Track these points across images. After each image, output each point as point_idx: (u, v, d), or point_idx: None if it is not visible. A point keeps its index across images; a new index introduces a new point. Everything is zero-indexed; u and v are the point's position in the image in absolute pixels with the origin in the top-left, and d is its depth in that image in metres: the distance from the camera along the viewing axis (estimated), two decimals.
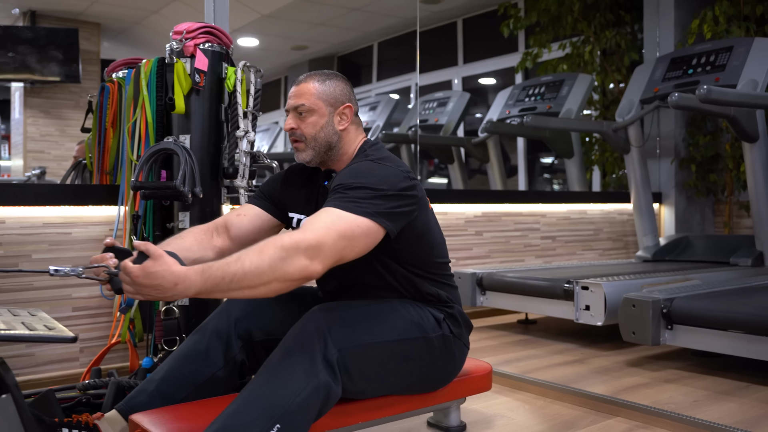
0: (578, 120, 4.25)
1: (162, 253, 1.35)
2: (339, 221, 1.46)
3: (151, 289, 1.34)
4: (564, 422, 2.08)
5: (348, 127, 1.75)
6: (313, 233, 1.41)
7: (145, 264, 1.33)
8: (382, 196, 1.53)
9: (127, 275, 1.34)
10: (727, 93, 2.96)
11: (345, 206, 1.49)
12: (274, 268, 1.36)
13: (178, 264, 1.36)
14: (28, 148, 6.72)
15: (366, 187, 1.52)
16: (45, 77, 6.60)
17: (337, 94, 1.74)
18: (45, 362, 2.45)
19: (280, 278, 1.38)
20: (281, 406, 1.42)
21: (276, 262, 1.36)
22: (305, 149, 1.72)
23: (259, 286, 1.37)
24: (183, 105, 2.28)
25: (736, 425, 1.92)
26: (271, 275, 1.37)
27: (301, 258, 1.38)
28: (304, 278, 1.41)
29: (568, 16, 5.06)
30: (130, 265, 1.34)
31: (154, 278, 1.33)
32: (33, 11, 6.56)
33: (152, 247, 1.35)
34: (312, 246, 1.40)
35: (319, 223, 1.45)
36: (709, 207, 4.86)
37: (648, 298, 2.49)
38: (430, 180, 7.29)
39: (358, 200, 1.50)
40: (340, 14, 6.36)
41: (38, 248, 2.43)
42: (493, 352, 2.94)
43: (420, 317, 1.70)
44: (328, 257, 1.43)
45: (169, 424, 1.54)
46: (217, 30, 2.38)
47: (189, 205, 2.30)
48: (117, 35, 7.09)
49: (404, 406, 1.80)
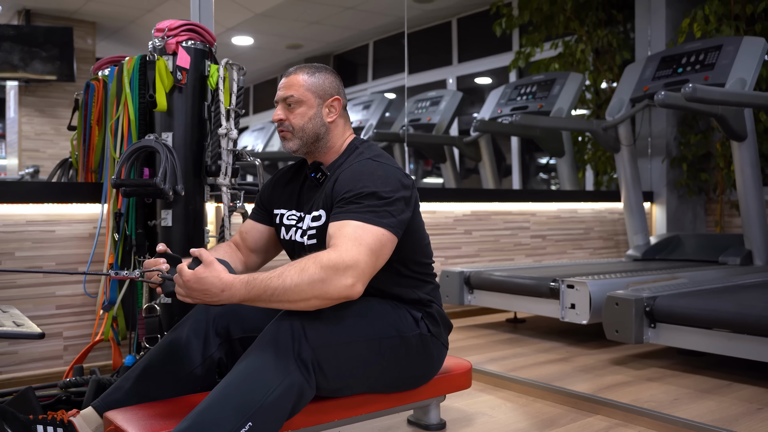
0: (567, 119, 4.25)
1: (213, 260, 1.45)
2: (366, 236, 1.52)
3: (200, 293, 1.44)
4: (544, 420, 2.09)
5: (336, 119, 1.78)
6: (349, 253, 1.47)
7: (197, 269, 1.43)
8: (391, 201, 1.59)
9: (181, 278, 1.44)
10: (712, 91, 2.96)
11: (365, 218, 1.54)
12: (313, 288, 1.44)
13: (227, 272, 1.45)
14: (23, 146, 6.73)
15: (374, 193, 1.58)
16: (40, 76, 6.60)
17: (326, 87, 1.76)
18: (28, 360, 2.45)
19: (319, 297, 1.46)
20: (253, 403, 1.43)
21: (316, 284, 1.44)
22: (292, 138, 1.76)
23: (298, 302, 1.46)
24: (165, 102, 2.28)
25: (714, 423, 1.92)
26: (311, 294, 1.44)
27: (341, 279, 1.45)
28: (344, 298, 1.48)
29: (560, 15, 5.06)
30: (185, 270, 1.44)
31: (203, 283, 1.43)
32: (28, 10, 6.57)
33: (205, 254, 1.45)
34: (350, 267, 1.46)
35: (348, 240, 1.50)
36: (701, 206, 4.86)
37: (631, 296, 2.50)
38: (426, 180, 7.29)
39: (374, 210, 1.56)
40: (334, 13, 6.36)
41: (22, 246, 2.43)
42: (479, 350, 2.94)
43: (397, 316, 1.70)
44: (366, 274, 1.50)
45: (143, 421, 1.54)
46: (200, 27, 2.38)
47: (172, 203, 2.30)
48: (112, 34, 7.10)
49: (382, 404, 1.81)
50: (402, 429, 2.01)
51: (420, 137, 5.26)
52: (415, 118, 5.37)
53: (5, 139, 7.44)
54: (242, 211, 2.43)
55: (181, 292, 1.47)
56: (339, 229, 1.53)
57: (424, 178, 7.28)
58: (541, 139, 4.49)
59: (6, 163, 7.27)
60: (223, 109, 2.35)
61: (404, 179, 1.66)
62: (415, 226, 1.71)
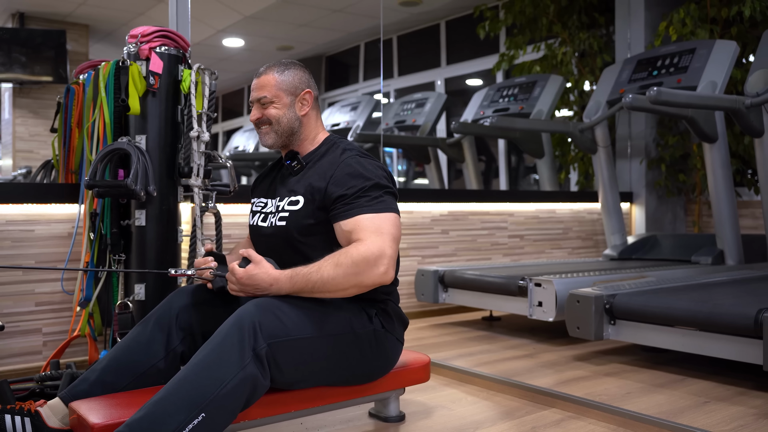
0: (543, 121, 4.33)
1: (261, 259, 1.65)
2: (384, 225, 1.69)
3: (252, 287, 1.65)
4: (500, 413, 2.16)
5: (309, 112, 1.91)
6: (375, 244, 1.64)
7: (248, 267, 1.65)
8: (389, 189, 1.77)
9: (234, 275, 1.65)
10: (676, 95, 3.03)
11: (376, 208, 1.71)
12: (349, 280, 1.63)
13: (274, 268, 1.66)
14: (17, 147, 6.82)
15: (377, 184, 1.75)
16: (34, 77, 6.70)
17: (296, 83, 1.87)
18: (8, 355, 2.53)
19: (356, 286, 1.65)
20: (206, 395, 1.50)
21: (350, 276, 1.62)
22: (269, 132, 1.88)
23: (338, 291, 1.65)
24: (138, 106, 2.36)
25: (659, 415, 2.00)
26: (348, 284, 1.64)
27: (374, 269, 1.63)
28: (379, 284, 1.67)
29: (543, 18, 5.13)
30: (237, 268, 1.65)
31: (254, 279, 1.64)
32: (21, 13, 6.66)
33: (254, 254, 1.66)
34: (379, 256, 1.63)
35: (369, 232, 1.67)
36: (681, 206, 4.94)
37: (591, 294, 2.57)
38: (417, 181, 7.37)
39: (379, 200, 1.73)
40: (323, 15, 6.44)
41: (2, 245, 2.51)
42: (449, 347, 3.02)
43: (351, 313, 1.78)
44: (393, 259, 1.67)
45: (104, 411, 1.62)
46: (173, 34, 2.46)
47: (145, 203, 2.38)
48: (105, 36, 7.18)
49: (340, 396, 1.88)
50: (363, 421, 2.08)
51: (403, 139, 5.34)
52: (401, 120, 5.45)
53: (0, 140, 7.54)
54: (214, 211, 2.51)
55: (234, 288, 1.67)
56: (357, 224, 1.69)
57: (415, 179, 7.36)
58: (521, 140, 4.57)
59: (1, 164, 7.37)
60: (195, 112, 2.43)
61: (385, 170, 1.84)
62: None
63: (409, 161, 7.24)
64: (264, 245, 1.89)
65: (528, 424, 2.04)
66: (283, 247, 1.83)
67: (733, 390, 2.29)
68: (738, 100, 3.27)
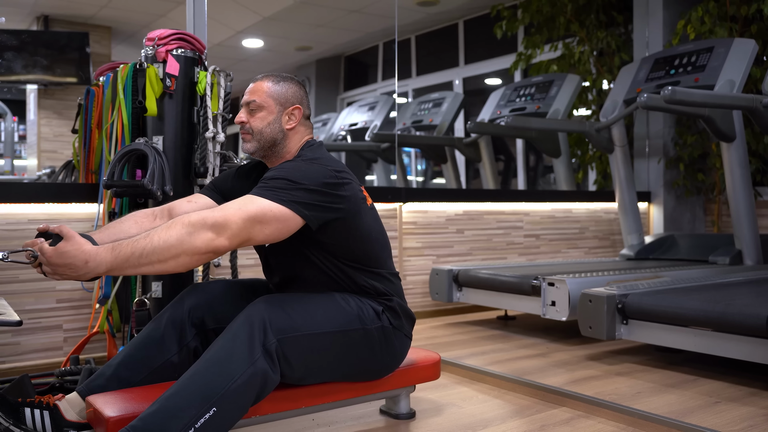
0: (559, 120, 4.32)
1: (74, 234, 1.47)
2: (251, 204, 1.59)
3: (65, 268, 1.46)
4: (510, 411, 2.18)
5: (296, 127, 1.88)
6: (222, 212, 1.55)
7: (58, 245, 1.45)
8: (303, 189, 1.65)
9: (42, 256, 1.46)
10: (691, 94, 3.02)
11: (262, 193, 1.63)
12: (181, 242, 1.49)
13: (90, 243, 1.48)
14: (41, 148, 6.96)
15: (286, 179, 1.65)
16: (58, 79, 6.83)
17: (288, 96, 1.88)
18: (30, 351, 2.60)
19: (188, 251, 1.50)
20: (217, 390, 1.54)
21: (183, 237, 1.49)
22: (251, 140, 1.86)
23: (168, 260, 1.49)
24: (155, 108, 2.41)
25: (669, 415, 2.00)
26: (179, 249, 1.49)
27: (207, 232, 1.52)
28: (210, 251, 1.53)
29: (560, 17, 5.12)
30: (45, 247, 1.46)
31: (66, 257, 1.44)
32: (46, 16, 6.79)
33: (65, 229, 1.48)
34: (218, 223, 1.53)
35: (232, 205, 1.59)
36: (700, 206, 4.90)
37: (603, 293, 2.58)
38: (436, 180, 7.38)
39: (275, 189, 1.63)
40: (341, 16, 6.48)
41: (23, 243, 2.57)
42: (462, 345, 3.03)
43: (359, 309, 1.81)
44: (235, 235, 1.55)
45: (119, 405, 1.66)
46: (189, 36, 2.51)
47: (162, 203, 2.42)
48: (127, 38, 7.29)
49: (350, 392, 1.92)
50: (374, 418, 2.11)
51: (419, 138, 5.36)
52: (418, 120, 5.47)
53: (25, 141, 7.69)
54: None
55: (47, 270, 1.48)
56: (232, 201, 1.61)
57: (433, 179, 7.37)
58: (537, 140, 4.56)
59: (26, 164, 7.52)
60: (210, 113, 2.47)
61: (330, 179, 1.70)
62: (360, 223, 1.79)
63: (428, 161, 7.26)
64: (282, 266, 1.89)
65: (537, 423, 2.05)
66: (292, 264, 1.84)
67: (745, 390, 2.28)
68: (755, 99, 3.24)
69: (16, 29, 6.94)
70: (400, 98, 7.19)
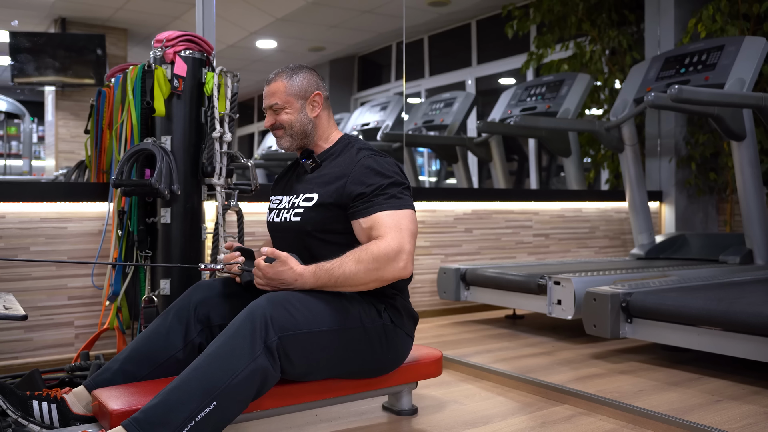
0: (568, 119, 4.31)
1: (288, 255, 1.74)
2: (402, 221, 1.78)
3: (278, 282, 1.75)
4: (512, 408, 2.19)
5: (320, 113, 1.98)
6: (395, 240, 1.74)
7: (274, 263, 1.74)
8: (406, 185, 1.86)
9: (260, 271, 1.75)
10: (699, 92, 3.01)
11: (394, 205, 1.79)
12: (369, 275, 1.73)
13: (299, 264, 1.74)
14: (59, 148, 7.07)
15: (393, 182, 1.82)
16: (75, 80, 6.93)
17: (305, 86, 1.95)
18: (42, 347, 2.65)
19: (377, 280, 1.75)
20: (218, 384, 1.57)
21: (371, 272, 1.72)
22: (284, 136, 1.96)
23: (359, 286, 1.75)
24: (163, 108, 2.45)
25: (670, 413, 2.00)
26: (369, 279, 1.73)
27: (393, 264, 1.73)
28: (398, 278, 1.77)
29: (572, 17, 5.11)
30: (263, 264, 1.74)
31: (280, 275, 1.73)
32: (63, 18, 6.90)
33: (278, 252, 1.74)
34: (399, 252, 1.73)
35: (389, 228, 1.76)
36: (712, 205, 4.87)
37: (607, 292, 2.58)
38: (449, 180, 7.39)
39: (397, 196, 1.81)
40: (354, 16, 6.52)
41: (36, 241, 2.63)
42: (468, 344, 3.05)
43: (360, 307, 1.83)
44: (411, 254, 1.77)
45: (123, 398, 1.70)
46: (197, 38, 2.55)
47: (170, 202, 2.47)
48: (143, 40, 7.39)
49: (352, 389, 1.94)
50: (376, 414, 2.14)
51: (429, 138, 5.37)
52: (429, 119, 5.49)
53: (44, 141, 7.82)
54: (236, 209, 2.59)
55: (260, 282, 1.76)
56: (376, 221, 1.77)
57: (447, 179, 7.38)
58: (547, 139, 4.56)
59: (45, 164, 7.64)
60: (218, 113, 2.51)
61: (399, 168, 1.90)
62: None
63: (442, 161, 7.27)
64: (279, 240, 1.97)
65: (538, 420, 2.06)
66: (297, 241, 1.90)
67: (748, 389, 2.28)
68: (764, 97, 3.22)
69: (34, 32, 7.06)
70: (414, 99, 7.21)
